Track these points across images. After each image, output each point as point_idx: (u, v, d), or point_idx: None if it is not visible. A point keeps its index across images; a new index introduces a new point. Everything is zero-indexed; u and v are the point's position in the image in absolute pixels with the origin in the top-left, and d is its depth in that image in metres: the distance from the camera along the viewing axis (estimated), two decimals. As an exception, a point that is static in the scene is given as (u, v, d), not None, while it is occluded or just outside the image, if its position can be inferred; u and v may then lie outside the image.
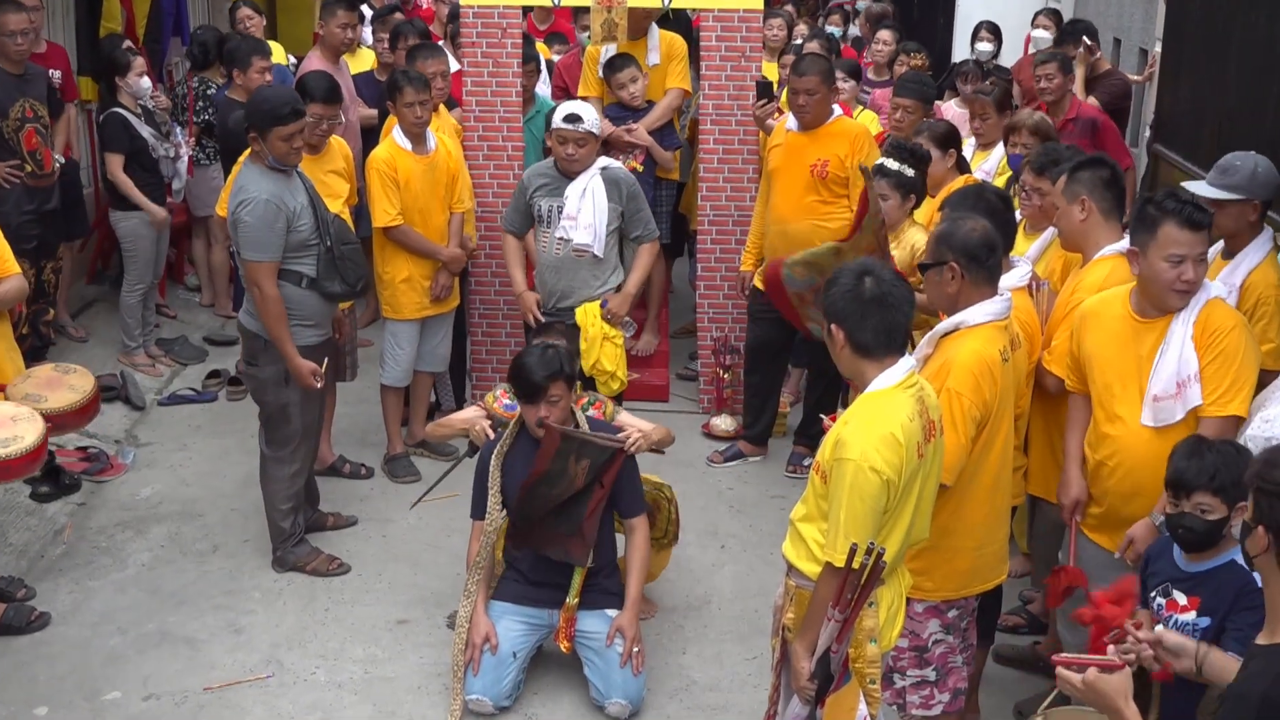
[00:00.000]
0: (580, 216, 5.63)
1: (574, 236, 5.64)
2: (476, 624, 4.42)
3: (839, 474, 3.20)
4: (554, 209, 5.69)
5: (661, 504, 4.87)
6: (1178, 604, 3.38)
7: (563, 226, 5.65)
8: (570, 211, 5.64)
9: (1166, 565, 3.45)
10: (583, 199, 5.64)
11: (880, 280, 3.27)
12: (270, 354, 5.13)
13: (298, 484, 5.38)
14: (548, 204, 5.70)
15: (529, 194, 5.77)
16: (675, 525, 4.91)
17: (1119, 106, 7.71)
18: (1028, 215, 4.87)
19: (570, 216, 5.64)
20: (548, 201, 5.70)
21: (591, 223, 5.63)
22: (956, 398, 3.58)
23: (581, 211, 5.63)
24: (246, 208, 4.95)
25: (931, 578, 3.75)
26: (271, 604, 5.20)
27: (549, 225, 5.71)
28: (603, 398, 4.90)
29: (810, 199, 6.13)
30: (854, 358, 3.30)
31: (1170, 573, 3.43)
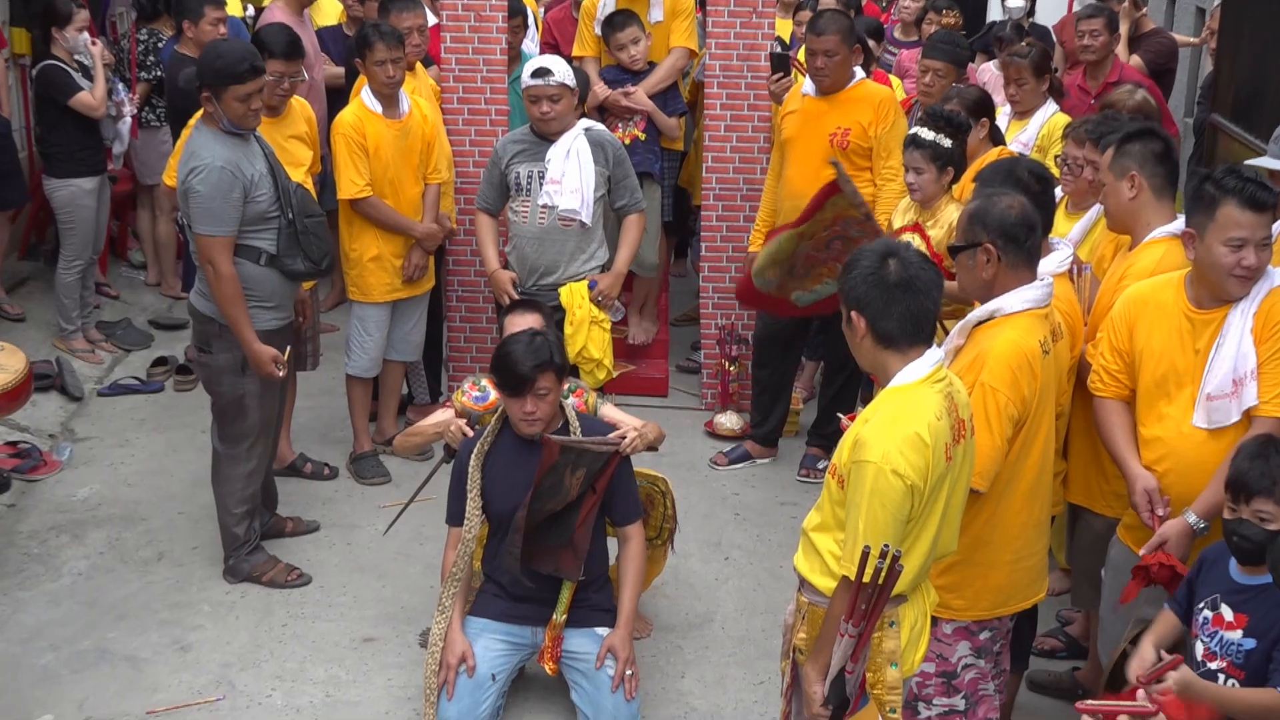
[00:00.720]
0: (565, 180, 5.64)
1: (559, 202, 5.64)
2: (451, 643, 4.43)
3: (858, 478, 3.20)
4: (534, 175, 5.69)
5: (655, 498, 4.88)
6: (1224, 619, 3.40)
7: (546, 192, 5.66)
8: (554, 175, 5.64)
9: (1219, 576, 3.46)
10: (567, 161, 5.65)
11: (906, 263, 3.26)
12: (225, 339, 5.13)
13: (254, 485, 5.38)
14: (527, 170, 5.71)
15: (504, 163, 5.77)
16: (672, 521, 4.92)
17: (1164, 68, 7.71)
18: (1071, 192, 4.86)
19: (554, 180, 5.64)
20: (527, 167, 5.71)
21: (578, 187, 5.64)
22: (991, 393, 3.59)
23: (567, 175, 5.64)
24: (198, 175, 4.94)
25: (961, 595, 3.75)
26: (223, 619, 5.20)
27: (529, 193, 5.71)
28: (584, 385, 4.90)
29: (829, 172, 6.11)
30: (876, 349, 3.30)
31: (1222, 584, 3.44)
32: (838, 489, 3.30)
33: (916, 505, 3.22)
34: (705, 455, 6.68)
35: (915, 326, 3.26)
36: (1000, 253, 3.67)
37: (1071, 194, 4.86)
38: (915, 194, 5.29)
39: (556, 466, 4.32)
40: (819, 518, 3.40)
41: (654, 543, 4.94)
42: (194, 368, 7.06)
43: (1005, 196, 3.75)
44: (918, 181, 5.24)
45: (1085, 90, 6.78)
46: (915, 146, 5.23)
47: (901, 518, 3.20)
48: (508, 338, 4.52)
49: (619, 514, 4.55)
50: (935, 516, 3.31)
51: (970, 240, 3.72)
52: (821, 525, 3.38)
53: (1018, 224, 3.68)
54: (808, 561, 3.43)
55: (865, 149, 6.10)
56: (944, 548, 3.46)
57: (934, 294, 3.28)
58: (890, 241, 3.48)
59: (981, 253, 3.69)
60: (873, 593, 3.10)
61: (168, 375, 7.41)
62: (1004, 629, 3.90)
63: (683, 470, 6.31)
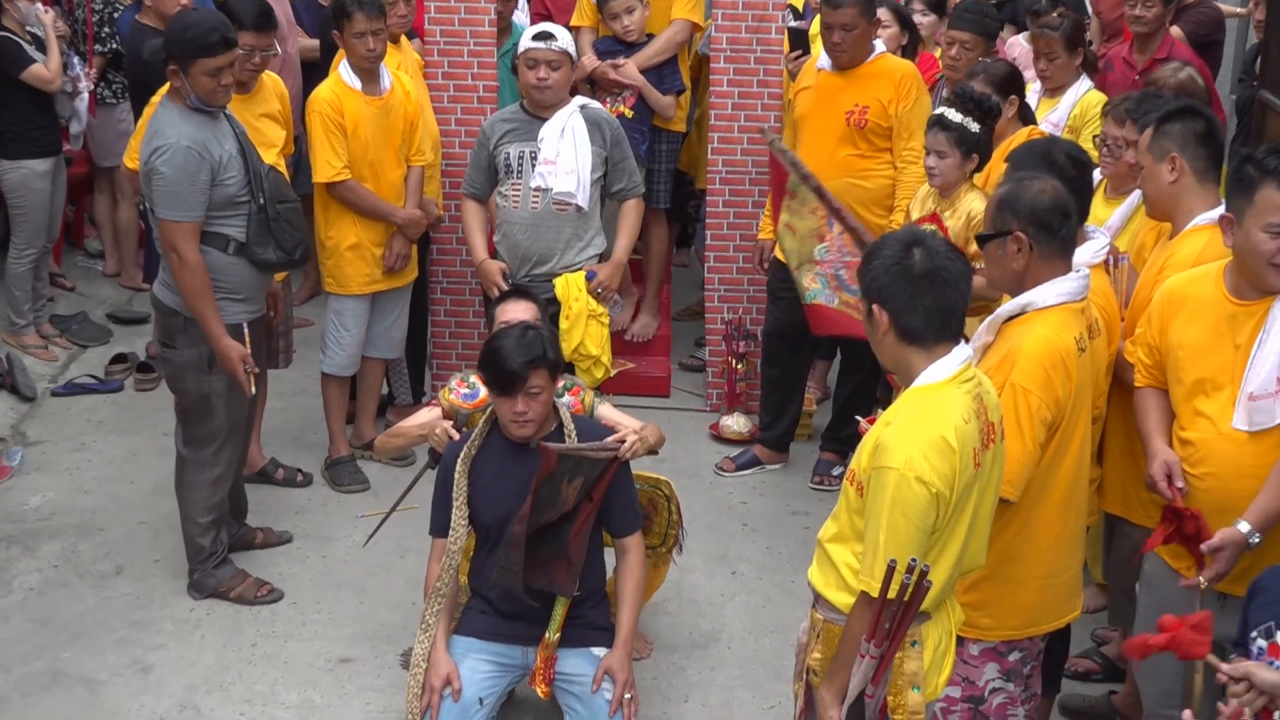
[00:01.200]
0: (560, 160, 5.63)
1: (553, 185, 5.64)
2: (435, 664, 4.42)
3: (878, 485, 3.19)
4: (526, 156, 5.69)
5: (659, 503, 4.88)
6: None
7: (539, 174, 5.65)
8: (548, 155, 5.64)
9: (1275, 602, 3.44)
10: (561, 140, 5.65)
11: (932, 252, 3.26)
12: (190, 334, 5.12)
13: (220, 492, 5.38)
14: (518, 150, 5.70)
15: (493, 144, 5.77)
16: (677, 528, 4.92)
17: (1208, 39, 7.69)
18: (1110, 175, 4.86)
19: (548, 161, 5.64)
20: (518, 147, 5.70)
21: (574, 168, 5.64)
22: (1023, 394, 3.58)
23: (561, 155, 5.64)
24: (162, 156, 4.94)
25: (990, 613, 3.75)
26: (187, 638, 5.20)
27: (520, 175, 5.70)
28: (580, 383, 4.90)
29: (845, 152, 6.13)
30: (899, 345, 3.30)
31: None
32: (856, 497, 3.29)
33: (942, 515, 3.22)
34: (710, 460, 6.68)
35: (942, 321, 3.26)
36: (1032, 242, 3.67)
37: (1111, 177, 4.86)
38: (934, 179, 5.29)
39: (553, 476, 4.31)
40: (835, 528, 3.40)
41: (658, 550, 4.94)
42: (156, 365, 7.04)
43: (1038, 180, 3.74)
44: (939, 166, 5.24)
45: (1130, 64, 6.76)
46: (940, 128, 5.22)
47: (925, 528, 3.20)
48: (497, 331, 4.51)
49: (617, 524, 4.55)
50: (962, 527, 3.31)
51: (999, 228, 3.71)
52: (838, 536, 3.38)
53: (1051, 210, 3.67)
54: (823, 575, 3.43)
55: (885, 128, 6.09)
56: (971, 561, 3.45)
57: (962, 286, 3.28)
58: (915, 229, 3.47)
59: (1012, 242, 3.68)
60: (897, 610, 3.09)
61: (127, 373, 7.40)
62: (1035, 650, 3.89)
63: (685, 477, 6.30)
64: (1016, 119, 5.66)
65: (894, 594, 3.10)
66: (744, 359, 6.97)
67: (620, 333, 7.41)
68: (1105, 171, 4.87)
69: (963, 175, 5.26)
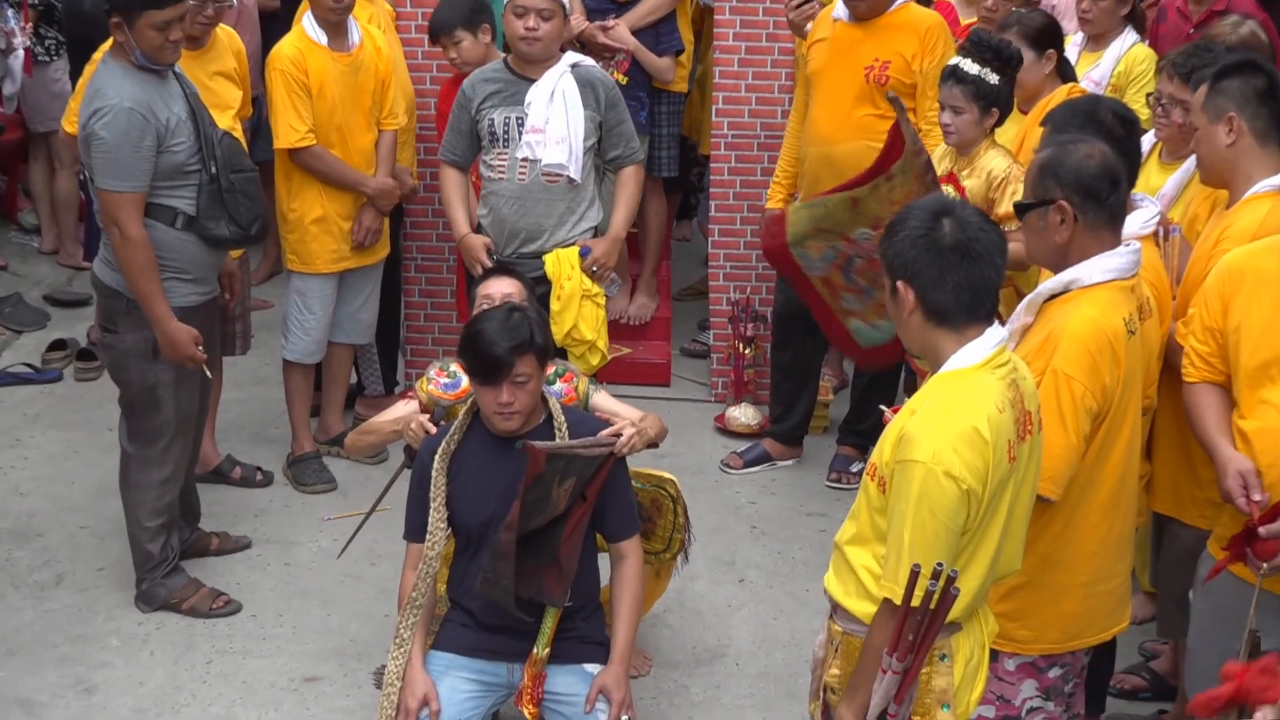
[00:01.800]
0: (550, 128, 5.62)
1: (543, 155, 5.63)
2: (411, 682, 4.42)
3: (903, 481, 3.20)
4: (512, 122, 5.68)
5: (663, 503, 4.88)
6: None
7: (526, 143, 5.64)
8: (536, 122, 5.63)
9: None
10: (551, 105, 5.63)
11: (963, 223, 3.26)
12: (133, 317, 5.11)
13: (170, 493, 5.38)
14: (503, 116, 5.69)
15: (475, 107, 5.76)
16: (683, 531, 4.92)
17: None
18: (1165, 138, 4.85)
19: (536, 129, 5.63)
20: (503, 113, 5.69)
21: (565, 135, 5.62)
22: (1066, 381, 3.58)
23: (551, 122, 5.62)
24: (102, 119, 4.93)
25: (1028, 625, 3.75)
26: (135, 654, 5.20)
27: (506, 144, 5.70)
28: (573, 369, 4.89)
29: (863, 112, 6.11)
30: (926, 326, 3.30)
31: None
32: (878, 494, 3.30)
33: (973, 514, 3.23)
34: (716, 456, 6.68)
35: (974, 299, 3.26)
36: (1077, 212, 3.66)
37: (1166, 140, 4.85)
38: (951, 137, 5.32)
39: (542, 478, 4.30)
40: (854, 529, 3.40)
41: (661, 557, 4.94)
42: (98, 352, 7.04)
43: (1083, 144, 3.74)
44: (955, 123, 5.25)
45: (1185, 15, 6.75)
46: (955, 81, 5.23)
47: (955, 529, 3.20)
48: (479, 313, 4.50)
49: (613, 527, 4.54)
50: (995, 528, 3.31)
51: (1041, 196, 3.70)
52: (858, 538, 3.38)
53: (1098, 176, 3.66)
54: (841, 582, 3.43)
55: (907, 86, 6.08)
56: (1006, 566, 3.46)
57: (997, 261, 3.28)
58: (943, 197, 3.47)
59: (1055, 212, 3.68)
60: (922, 620, 3.09)
61: (67, 361, 7.39)
62: (1077, 665, 3.90)
63: (688, 474, 6.29)
64: (1055, 75, 5.65)
65: (918, 602, 3.10)
66: (752, 343, 6.97)
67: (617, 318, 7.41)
68: (1160, 134, 4.86)
69: (982, 132, 5.27)
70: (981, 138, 5.29)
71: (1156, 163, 4.85)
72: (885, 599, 3.23)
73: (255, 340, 6.51)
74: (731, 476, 6.54)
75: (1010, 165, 5.18)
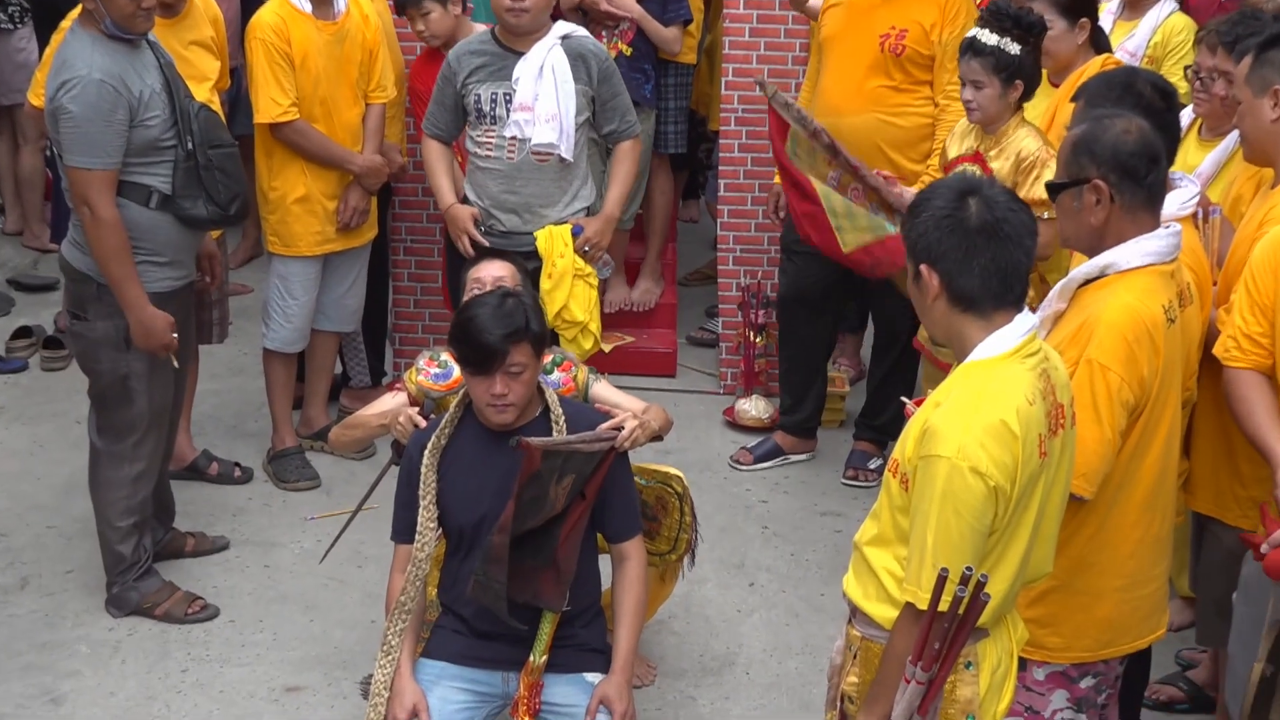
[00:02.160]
0: (539, 105, 5.63)
1: (532, 134, 5.64)
2: (400, 692, 4.42)
3: (927, 478, 3.19)
4: (500, 98, 5.69)
5: (669, 501, 4.88)
6: None
7: (514, 121, 5.65)
8: (524, 99, 5.64)
9: None
10: (540, 80, 5.64)
11: (991, 202, 3.25)
12: (104, 303, 5.11)
13: (143, 491, 5.38)
14: (490, 91, 5.70)
15: (460, 81, 5.76)
16: (690, 530, 4.92)
17: None
18: (1204, 114, 4.85)
19: (525, 106, 5.64)
20: (490, 88, 5.70)
21: (555, 113, 5.63)
22: (1100, 372, 3.58)
23: (540, 99, 5.63)
24: (71, 92, 4.92)
25: (1059, 631, 3.75)
26: (105, 663, 5.20)
27: (493, 121, 5.70)
28: (572, 357, 4.89)
29: (876, 83, 6.12)
30: (952, 312, 3.29)
31: None
32: (900, 492, 3.29)
33: (1001, 513, 3.22)
34: (724, 452, 6.68)
35: (1003, 283, 3.25)
36: (1114, 191, 3.66)
37: (1206, 116, 4.84)
38: (974, 114, 5.32)
39: (538, 476, 4.29)
40: (875, 529, 3.40)
41: (666, 558, 4.94)
42: (66, 340, 7.03)
43: (1120, 119, 3.73)
44: (977, 99, 5.25)
45: None
46: (974, 54, 5.24)
47: (982, 529, 3.20)
48: (471, 299, 4.50)
49: (614, 527, 4.54)
50: (1025, 528, 3.31)
51: (1075, 175, 3.70)
52: (879, 538, 3.38)
53: (1136, 154, 3.66)
54: (861, 585, 3.43)
55: (925, 58, 6.08)
56: (1036, 569, 3.46)
57: (1027, 242, 3.27)
58: (969, 176, 3.46)
59: (1090, 191, 3.67)
60: (949, 628, 3.08)
61: (32, 350, 7.40)
62: (1111, 675, 3.90)
63: (695, 470, 6.29)
64: (1088, 45, 5.63)
65: (945, 608, 3.10)
66: (764, 331, 6.98)
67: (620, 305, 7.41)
68: (1198, 109, 4.86)
69: (1006, 106, 5.27)
70: (1007, 113, 5.28)
71: (1195, 140, 4.84)
72: (907, 603, 3.23)
73: (233, 328, 6.51)
74: (741, 473, 6.54)
75: (1041, 146, 5.17)
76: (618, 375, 6.73)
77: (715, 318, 7.50)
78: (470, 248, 5.72)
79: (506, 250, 5.57)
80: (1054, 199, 3.79)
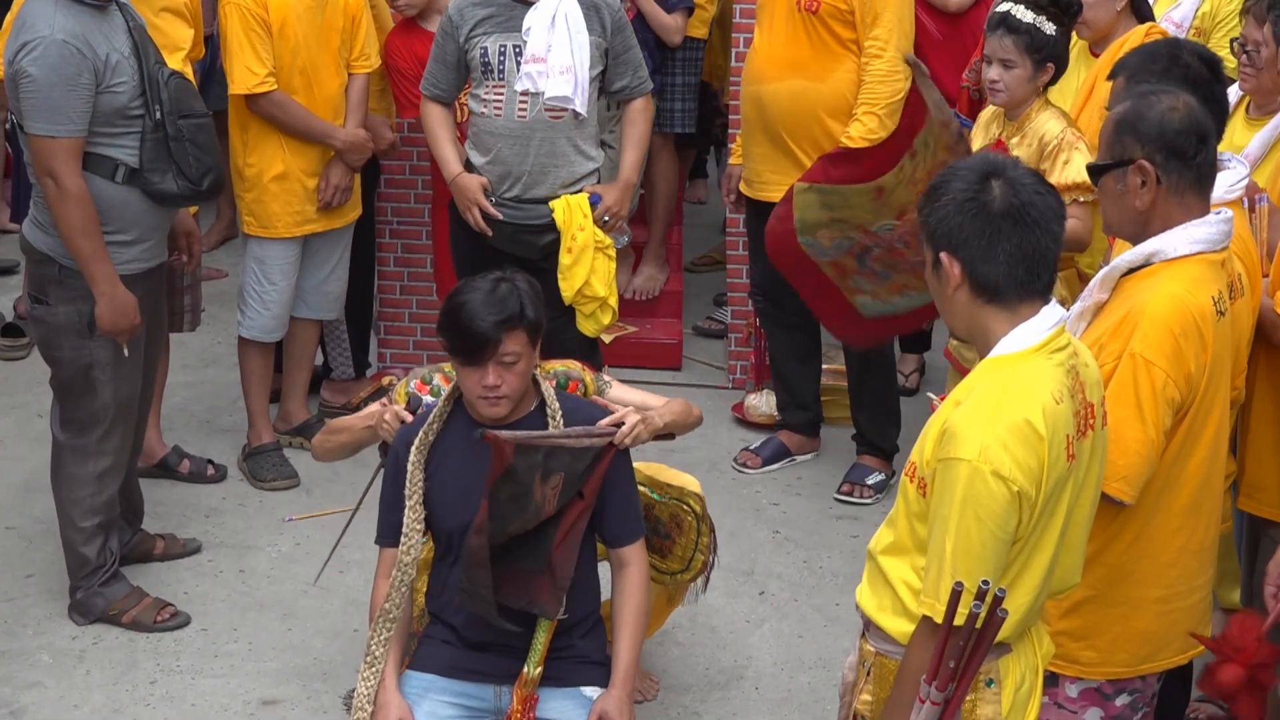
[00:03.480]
0: (552, 57, 5.64)
1: (545, 88, 5.65)
2: (384, 706, 4.43)
3: (945, 482, 3.19)
4: (509, 51, 5.70)
5: (685, 520, 4.88)
6: None
7: (527, 74, 5.66)
8: (536, 51, 5.64)
9: None
10: (553, 30, 5.64)
11: (1015, 185, 3.24)
12: (67, 286, 5.12)
13: (109, 490, 5.38)
14: (498, 44, 5.71)
15: (464, 35, 5.77)
16: (707, 552, 4.91)
17: None
18: (1252, 90, 4.85)
19: (537, 58, 5.65)
20: (498, 41, 5.71)
21: (570, 65, 5.64)
22: (1145, 368, 3.58)
23: (554, 50, 5.64)
24: (31, 54, 4.93)
25: (1094, 645, 3.75)
26: (68, 673, 5.21)
27: (501, 76, 5.71)
28: (577, 376, 4.86)
29: (795, 50, 6.12)
30: (974, 303, 3.28)
31: None
32: (917, 497, 3.28)
33: (1025, 520, 3.21)
34: (733, 450, 6.71)
35: (1029, 271, 3.24)
36: (1160, 173, 3.65)
37: (1253, 93, 4.84)
38: (999, 96, 5.32)
39: (514, 474, 4.29)
40: (891, 536, 3.39)
41: (678, 577, 4.93)
42: (26, 327, 7.05)
43: (1165, 95, 3.72)
44: (1005, 79, 5.25)
45: None
46: (1006, 30, 5.23)
47: (1004, 537, 3.19)
48: (462, 284, 4.49)
49: (613, 530, 4.54)
50: (1051, 537, 3.30)
51: (1119, 156, 3.69)
52: (895, 547, 3.38)
53: (1184, 131, 3.66)
54: (875, 596, 3.43)
55: (843, 13, 6.02)
56: (1063, 580, 3.45)
57: (1054, 227, 3.26)
58: (991, 156, 3.46)
59: (1134, 173, 3.67)
60: (966, 645, 3.09)
61: (-9, 338, 7.41)
62: (1148, 693, 3.89)
63: (702, 470, 6.27)
64: (1129, 12, 5.63)
65: (961, 621, 3.10)
66: (775, 321, 6.96)
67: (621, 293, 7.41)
68: (1245, 85, 4.85)
69: (1033, 90, 5.28)
70: (1033, 97, 5.29)
71: (1242, 118, 4.84)
72: (925, 617, 3.22)
73: (207, 315, 6.51)
74: (751, 474, 6.56)
75: (1065, 130, 5.18)
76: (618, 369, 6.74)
77: (724, 307, 7.50)
78: (481, 220, 5.73)
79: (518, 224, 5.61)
80: (1096, 181, 3.77)
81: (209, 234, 8.10)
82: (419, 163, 6.81)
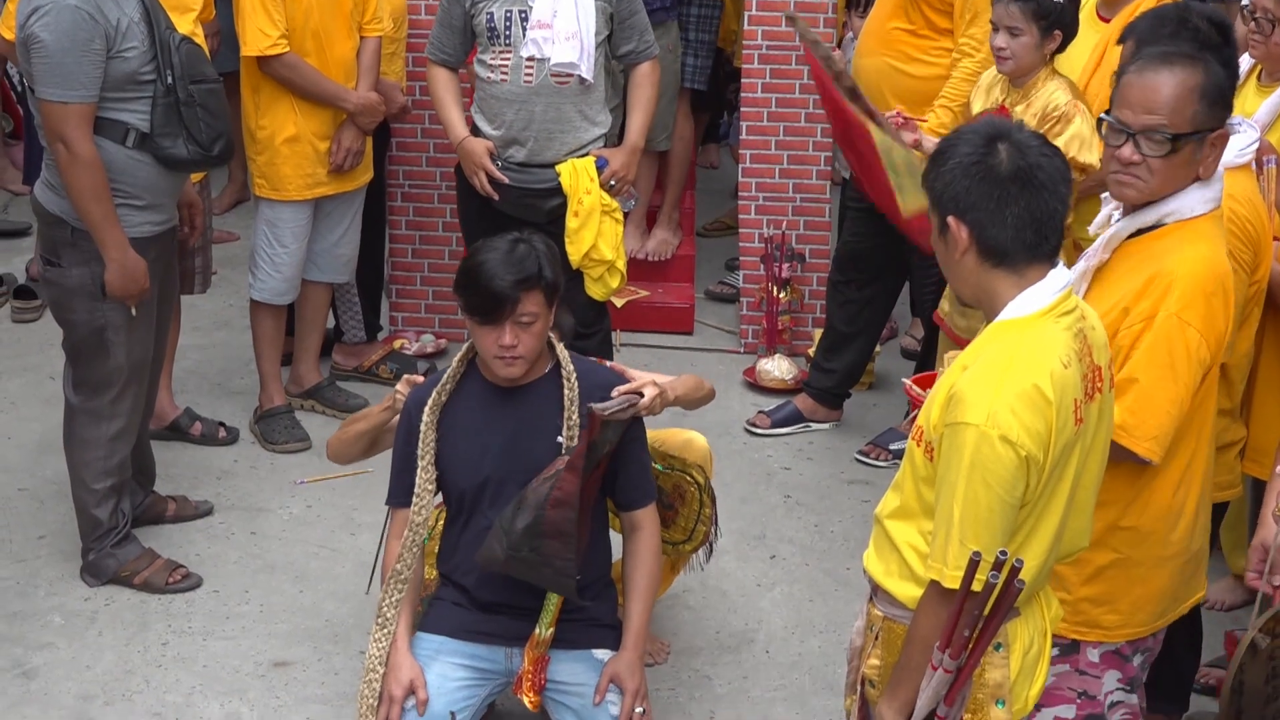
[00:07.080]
0: (559, 23, 5.64)
1: (551, 53, 5.66)
2: (396, 668, 4.45)
3: (953, 446, 3.19)
4: (515, 16, 5.70)
5: (689, 491, 4.89)
6: None
7: (533, 40, 5.67)
8: (542, 16, 5.65)
9: None
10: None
11: (1022, 148, 3.24)
12: (80, 249, 5.13)
13: (121, 452, 5.41)
14: (503, 9, 5.71)
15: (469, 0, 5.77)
16: (709, 523, 4.93)
17: None
18: (1262, 56, 4.85)
19: (543, 24, 5.65)
20: (504, 6, 5.71)
21: (576, 30, 5.65)
22: (1181, 329, 3.61)
23: (560, 15, 5.64)
24: (42, 19, 4.93)
25: (1116, 609, 3.78)
26: (80, 634, 5.24)
27: (508, 41, 5.72)
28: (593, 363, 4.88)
29: (895, 24, 6.18)
30: (981, 268, 3.28)
31: None
32: (924, 461, 3.29)
33: (1033, 485, 3.22)
34: (744, 415, 6.71)
35: (1037, 234, 3.23)
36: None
37: (1263, 59, 4.84)
38: (1005, 63, 5.32)
39: (595, 447, 4.32)
40: (898, 501, 3.40)
41: (680, 547, 4.93)
42: (38, 289, 7.07)
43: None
44: (1011, 46, 5.26)
45: None
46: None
47: (1013, 501, 3.20)
48: (480, 244, 4.50)
49: (625, 494, 4.56)
50: (1059, 501, 3.31)
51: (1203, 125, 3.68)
52: (901, 511, 3.39)
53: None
54: (882, 561, 3.44)
55: (945, 3, 6.06)
56: (1072, 543, 3.47)
57: (1062, 190, 3.26)
58: (995, 120, 3.46)
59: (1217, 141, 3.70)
60: (979, 614, 3.11)
61: (3, 300, 7.43)
62: (1157, 649, 3.95)
63: (713, 435, 6.21)
64: (1139, -24, 5.63)
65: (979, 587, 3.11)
66: (788, 286, 6.98)
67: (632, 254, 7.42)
68: (1254, 52, 4.85)
69: (1041, 58, 5.28)
70: (1040, 65, 5.29)
71: (1254, 86, 4.82)
72: (932, 581, 3.23)
73: (218, 278, 6.52)
74: (763, 439, 6.56)
75: (1071, 100, 5.18)
76: (632, 332, 6.79)
77: (736, 271, 7.50)
78: (487, 184, 5.76)
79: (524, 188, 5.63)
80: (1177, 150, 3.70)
81: (221, 196, 8.11)
82: (432, 125, 6.81)
